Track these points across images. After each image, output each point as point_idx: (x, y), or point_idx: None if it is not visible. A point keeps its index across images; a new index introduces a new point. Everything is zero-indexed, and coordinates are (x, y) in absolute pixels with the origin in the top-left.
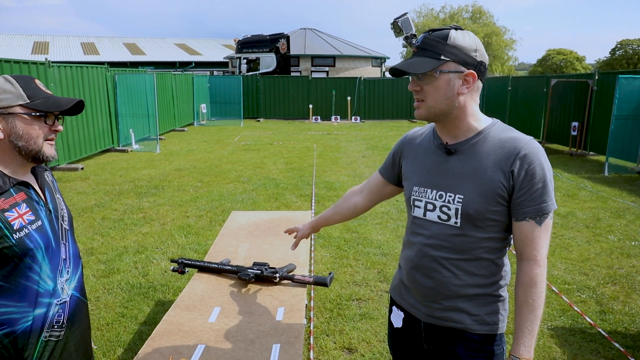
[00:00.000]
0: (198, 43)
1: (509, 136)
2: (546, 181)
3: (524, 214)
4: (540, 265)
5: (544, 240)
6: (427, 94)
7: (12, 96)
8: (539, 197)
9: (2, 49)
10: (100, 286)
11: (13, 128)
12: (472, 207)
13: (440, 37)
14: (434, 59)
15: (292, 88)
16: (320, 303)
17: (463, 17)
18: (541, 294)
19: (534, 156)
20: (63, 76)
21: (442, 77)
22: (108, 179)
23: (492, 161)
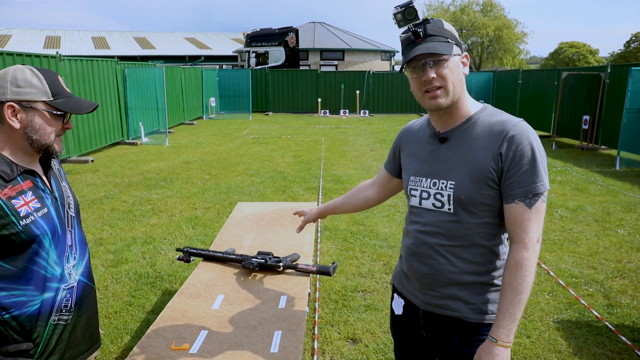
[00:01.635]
0: (207, 37)
1: (497, 119)
2: (536, 162)
3: (513, 196)
4: (527, 249)
5: (534, 223)
6: (445, 78)
7: (37, 91)
8: (528, 178)
9: (16, 43)
10: (109, 275)
11: (31, 121)
12: (463, 192)
13: (439, 24)
14: (445, 42)
15: (301, 82)
16: (326, 294)
17: (473, 10)
18: (526, 278)
19: (522, 137)
20: (74, 69)
21: (452, 60)
22: (117, 171)
23: (481, 145)
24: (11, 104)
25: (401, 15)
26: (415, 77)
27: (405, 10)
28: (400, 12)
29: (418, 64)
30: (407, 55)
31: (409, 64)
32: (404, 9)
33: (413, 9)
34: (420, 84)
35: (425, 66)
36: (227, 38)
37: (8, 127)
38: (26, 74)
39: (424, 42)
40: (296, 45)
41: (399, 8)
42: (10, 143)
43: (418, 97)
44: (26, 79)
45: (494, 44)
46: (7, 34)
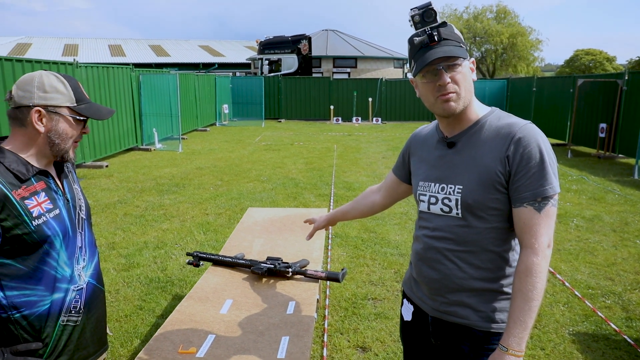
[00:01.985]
0: (221, 45)
1: (505, 122)
2: (544, 164)
3: (522, 200)
4: (537, 254)
5: (544, 228)
6: (458, 83)
7: (63, 97)
8: (536, 181)
9: (35, 51)
10: (120, 279)
11: (55, 126)
12: (470, 196)
13: (450, 28)
14: (460, 47)
15: (314, 89)
16: (336, 301)
17: (487, 17)
18: (537, 285)
19: (529, 139)
20: (90, 76)
21: (464, 64)
22: (131, 177)
23: (488, 149)
24: (38, 108)
25: (419, 17)
26: (428, 82)
27: (424, 12)
28: (419, 14)
29: (432, 68)
30: (423, 58)
31: (423, 69)
32: (423, 10)
33: (432, 11)
34: (433, 89)
35: (441, 70)
36: (241, 46)
37: (31, 131)
38: (52, 79)
39: (439, 46)
40: (309, 52)
41: (417, 10)
42: (30, 146)
43: (430, 102)
44: (52, 84)
45: (507, 52)
46: (27, 42)
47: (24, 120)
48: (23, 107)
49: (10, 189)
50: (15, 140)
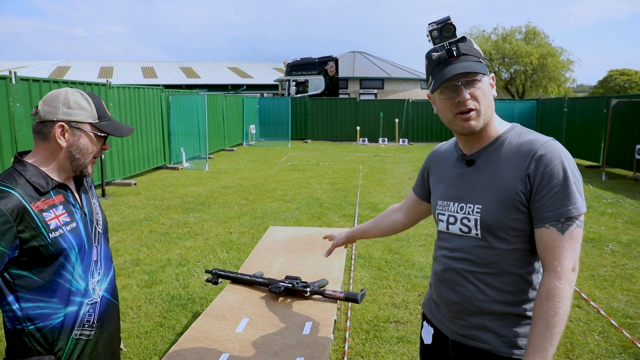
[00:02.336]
0: (250, 67)
1: (526, 139)
2: (568, 183)
3: (543, 220)
4: (560, 278)
5: (568, 251)
6: (478, 100)
7: (86, 114)
8: (559, 201)
9: (74, 73)
10: (143, 296)
11: (76, 141)
12: (490, 216)
13: (469, 43)
14: (479, 62)
15: (340, 110)
16: (357, 323)
17: (516, 38)
18: (559, 310)
19: (551, 156)
20: (122, 97)
21: (484, 80)
22: (158, 195)
23: (508, 167)
24: (61, 123)
25: (438, 32)
26: (446, 99)
27: (442, 27)
28: (437, 29)
29: (450, 84)
30: (442, 74)
31: (441, 85)
32: (442, 25)
33: (451, 26)
34: (452, 105)
35: (460, 87)
36: (269, 67)
37: (54, 145)
38: (77, 96)
39: (458, 61)
40: (336, 74)
41: (435, 25)
42: (51, 160)
43: (448, 119)
44: (77, 101)
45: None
46: (67, 65)
47: (48, 134)
48: (47, 122)
49: (29, 201)
50: (38, 154)
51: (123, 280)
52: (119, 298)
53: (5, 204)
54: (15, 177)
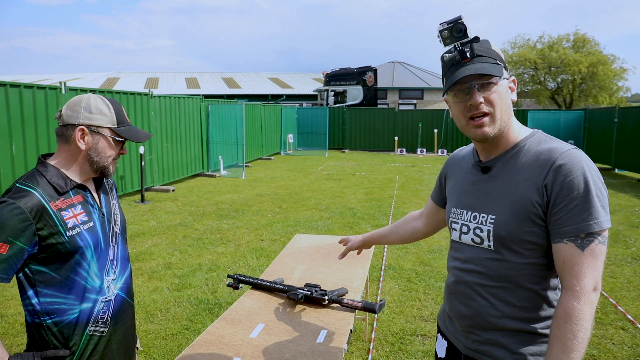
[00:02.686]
0: (290, 77)
1: (545, 147)
2: (589, 196)
3: (561, 235)
4: (579, 298)
5: (589, 269)
6: (493, 104)
7: (106, 119)
8: (579, 215)
9: (122, 84)
10: (172, 299)
11: (95, 145)
12: (503, 228)
13: (486, 44)
14: (496, 64)
15: (378, 120)
16: (382, 335)
17: (563, 46)
18: (578, 333)
19: (572, 166)
20: (162, 106)
21: (501, 83)
22: (194, 201)
23: (525, 176)
24: (82, 127)
25: (448, 32)
26: (459, 102)
27: (452, 27)
28: (447, 29)
29: (463, 87)
30: (453, 76)
31: (453, 87)
32: (452, 25)
33: (461, 26)
34: (464, 109)
35: (472, 89)
36: (309, 78)
37: (74, 148)
38: (98, 102)
39: (471, 62)
40: (374, 84)
41: (446, 25)
42: (72, 162)
43: (461, 124)
44: (97, 106)
45: (587, 82)
46: (116, 76)
47: (69, 137)
48: (69, 125)
49: (49, 201)
50: (60, 156)
51: (154, 283)
52: (150, 300)
53: (25, 202)
54: (36, 178)
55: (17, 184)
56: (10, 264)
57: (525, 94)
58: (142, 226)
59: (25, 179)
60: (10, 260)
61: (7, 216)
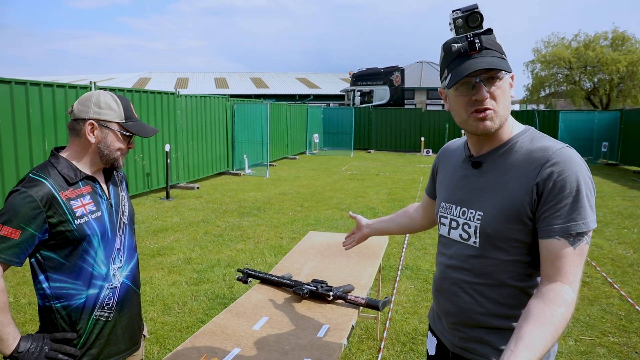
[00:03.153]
0: (317, 77)
1: (538, 145)
2: (579, 196)
3: (551, 232)
4: (574, 291)
5: (577, 266)
6: (497, 100)
7: (114, 114)
8: (568, 214)
9: (154, 83)
10: (189, 293)
11: (104, 138)
12: (490, 225)
13: (493, 36)
14: (503, 59)
15: (404, 120)
16: (394, 335)
17: (600, 44)
18: (565, 322)
19: (564, 166)
20: (188, 105)
21: (505, 79)
22: (217, 199)
23: (516, 174)
24: (92, 121)
25: (462, 20)
26: (462, 96)
27: (469, 16)
28: (462, 17)
29: (470, 80)
30: (461, 69)
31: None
32: (468, 14)
33: (478, 15)
34: (467, 103)
35: (479, 84)
36: (336, 78)
37: (84, 141)
38: (107, 98)
39: (480, 55)
40: (401, 84)
41: (460, 13)
42: (82, 154)
43: (462, 118)
44: (107, 102)
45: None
46: (148, 76)
47: (80, 131)
48: (80, 120)
49: (59, 190)
50: (71, 149)
51: (174, 277)
52: (168, 293)
53: (36, 191)
54: (48, 169)
55: (30, 174)
56: (22, 249)
57: (559, 95)
58: (166, 222)
59: (38, 169)
60: (22, 245)
61: (20, 204)
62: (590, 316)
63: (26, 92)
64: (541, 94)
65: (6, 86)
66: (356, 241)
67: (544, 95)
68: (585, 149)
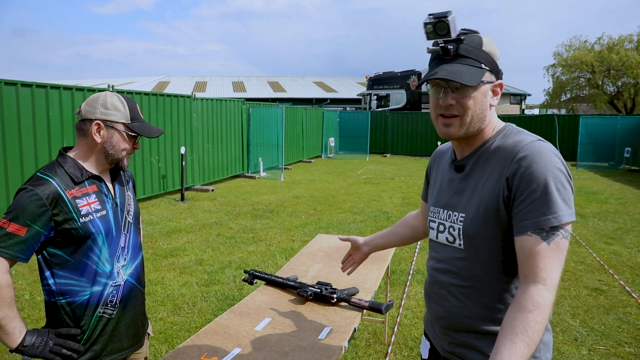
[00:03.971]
0: (335, 81)
1: (511, 141)
2: (548, 190)
3: (523, 228)
4: (549, 290)
5: (554, 262)
6: (465, 108)
7: (120, 114)
8: (537, 209)
9: (172, 87)
10: (200, 293)
11: (110, 139)
12: (471, 226)
13: (476, 42)
14: (476, 68)
15: (421, 124)
16: (402, 339)
17: (625, 47)
18: (542, 327)
19: (533, 158)
20: (204, 108)
21: (480, 88)
22: (232, 201)
23: (491, 172)
24: (98, 122)
25: (432, 27)
26: (433, 97)
27: (436, 24)
28: (432, 23)
29: (440, 83)
30: (430, 72)
31: (431, 82)
32: (437, 21)
33: (445, 24)
34: (436, 105)
35: (446, 90)
36: (353, 82)
37: (91, 141)
38: (114, 99)
39: (452, 62)
40: (418, 88)
41: (431, 19)
42: (88, 154)
43: (432, 118)
44: (113, 103)
45: None
46: (167, 80)
47: (86, 131)
48: (87, 120)
49: (65, 189)
50: (78, 148)
51: (185, 277)
52: (179, 294)
53: (43, 190)
54: (55, 168)
55: (38, 173)
56: (28, 245)
57: (581, 99)
58: (179, 223)
59: (45, 168)
60: (28, 242)
61: (27, 202)
62: (606, 325)
63: (46, 95)
64: (562, 98)
65: (27, 89)
66: (357, 262)
67: (565, 99)
68: (607, 155)
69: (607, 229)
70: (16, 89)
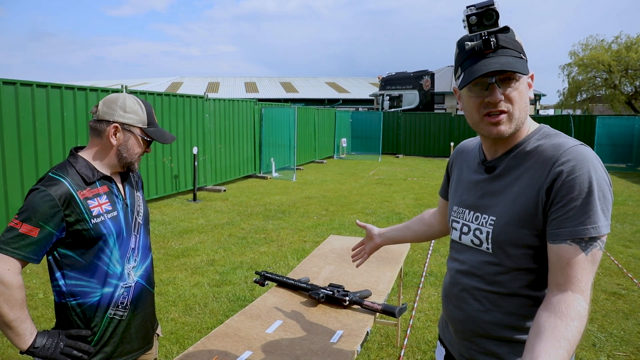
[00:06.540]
0: (347, 81)
1: (551, 143)
2: (590, 198)
3: (561, 236)
4: (587, 301)
5: (589, 273)
6: (513, 102)
7: (138, 118)
8: (577, 217)
9: (185, 88)
10: (211, 294)
11: (126, 142)
12: (503, 230)
13: (511, 34)
14: (521, 59)
15: (434, 125)
16: (415, 343)
17: None
18: (579, 334)
19: (576, 164)
20: (217, 108)
21: (523, 80)
22: (243, 201)
23: (528, 175)
24: (116, 124)
25: (477, 18)
26: (475, 97)
27: (484, 13)
28: (477, 14)
29: (483, 81)
30: (473, 69)
31: (471, 82)
32: (483, 10)
33: (493, 12)
34: (480, 105)
35: (493, 85)
36: (366, 82)
37: (106, 142)
38: (132, 102)
39: (495, 55)
40: (431, 88)
41: (475, 9)
42: (101, 155)
43: (474, 120)
44: (132, 106)
45: None
46: (180, 81)
47: (102, 132)
48: (104, 121)
49: (76, 189)
50: (91, 149)
51: (197, 278)
52: (190, 294)
53: (55, 190)
54: (67, 168)
55: (50, 173)
56: (40, 246)
57: (598, 99)
58: (191, 224)
59: (57, 168)
60: (40, 242)
61: (39, 202)
62: (625, 331)
63: (61, 96)
64: (577, 98)
65: (43, 90)
66: (368, 253)
67: (581, 100)
68: (625, 156)
69: (626, 231)
70: (32, 90)
